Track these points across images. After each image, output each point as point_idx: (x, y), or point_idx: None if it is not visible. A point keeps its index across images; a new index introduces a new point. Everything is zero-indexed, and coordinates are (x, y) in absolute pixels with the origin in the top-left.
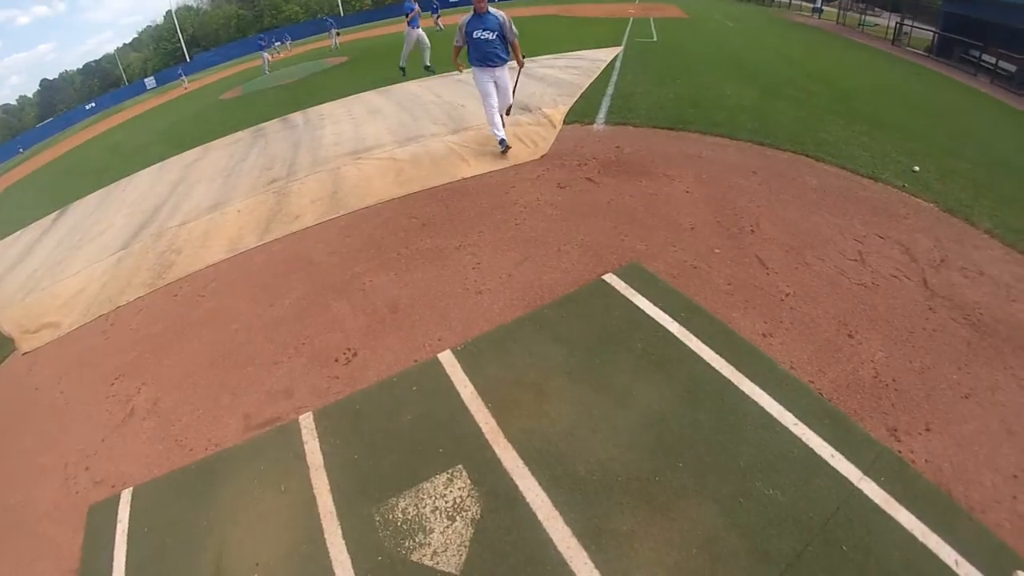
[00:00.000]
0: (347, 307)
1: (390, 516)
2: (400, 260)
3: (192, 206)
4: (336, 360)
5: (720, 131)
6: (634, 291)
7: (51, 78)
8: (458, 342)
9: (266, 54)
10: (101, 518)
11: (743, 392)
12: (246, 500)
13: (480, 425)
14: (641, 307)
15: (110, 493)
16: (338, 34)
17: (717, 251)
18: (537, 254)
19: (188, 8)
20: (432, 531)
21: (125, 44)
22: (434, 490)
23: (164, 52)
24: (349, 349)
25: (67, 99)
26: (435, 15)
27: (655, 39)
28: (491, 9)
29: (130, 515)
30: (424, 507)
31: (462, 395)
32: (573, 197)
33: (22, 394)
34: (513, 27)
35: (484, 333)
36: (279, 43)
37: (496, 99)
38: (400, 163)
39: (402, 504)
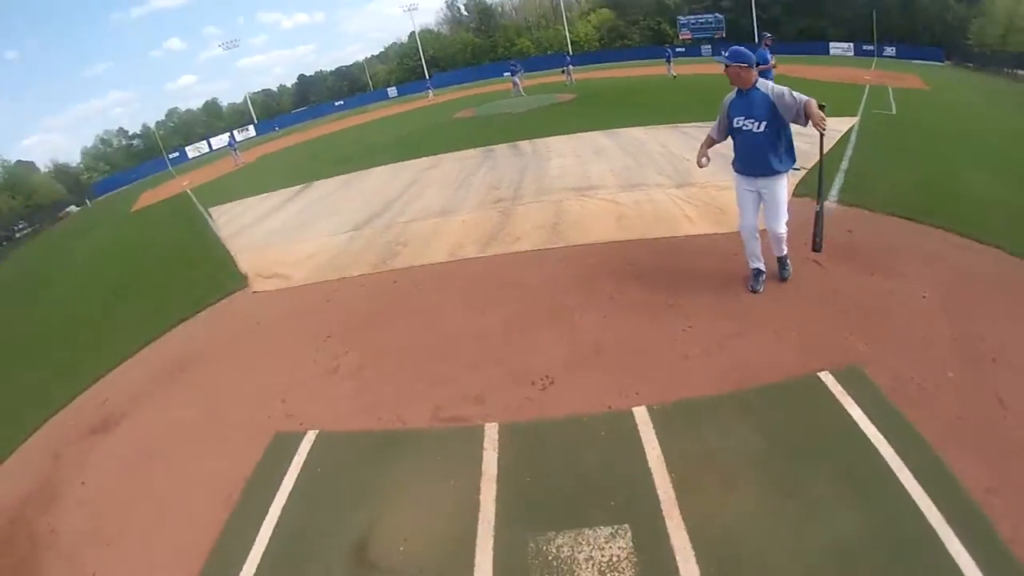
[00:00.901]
0: (553, 336)
1: (544, 548)
2: (611, 304)
3: (422, 207)
4: (532, 383)
5: (967, 231)
6: (850, 399)
7: (308, 75)
8: (655, 401)
9: (517, 79)
10: (283, 446)
11: (948, 551)
12: (415, 480)
13: (659, 492)
14: (855, 419)
15: (297, 429)
16: (564, 71)
17: (950, 375)
18: (752, 331)
19: (430, 31)
20: None
21: (373, 55)
22: (594, 540)
23: (406, 67)
24: (547, 376)
25: (319, 94)
26: (668, 61)
27: (894, 112)
28: (760, 83)
29: (308, 453)
30: (579, 553)
31: (648, 456)
32: (797, 278)
33: (245, 323)
34: (794, 96)
35: (683, 399)
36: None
37: (753, 217)
38: (622, 207)
39: (559, 541)
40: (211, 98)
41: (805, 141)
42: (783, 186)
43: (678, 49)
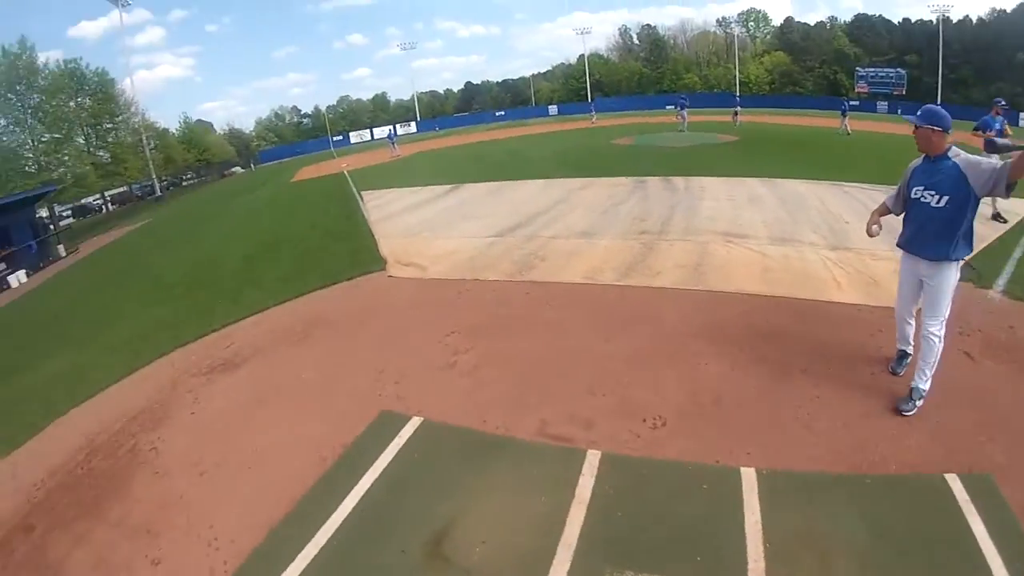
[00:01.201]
0: (674, 377)
1: None
2: (740, 357)
3: (566, 226)
4: (644, 420)
5: None
6: (974, 509)
7: (474, 83)
8: (766, 465)
9: (684, 113)
10: (386, 424)
11: None
12: (506, 488)
13: (748, 560)
14: (974, 532)
15: (403, 410)
16: (737, 113)
17: None
18: (884, 416)
19: (599, 56)
20: None
21: (538, 72)
22: None
23: (569, 88)
24: (660, 417)
25: (482, 102)
26: (843, 115)
27: None
28: (953, 151)
29: (410, 437)
30: None
31: (746, 520)
32: (943, 369)
33: (375, 302)
34: (991, 161)
35: (795, 471)
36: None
37: (910, 303)
38: (769, 260)
39: None
40: (381, 92)
41: (984, 225)
42: (950, 277)
43: (852, 103)
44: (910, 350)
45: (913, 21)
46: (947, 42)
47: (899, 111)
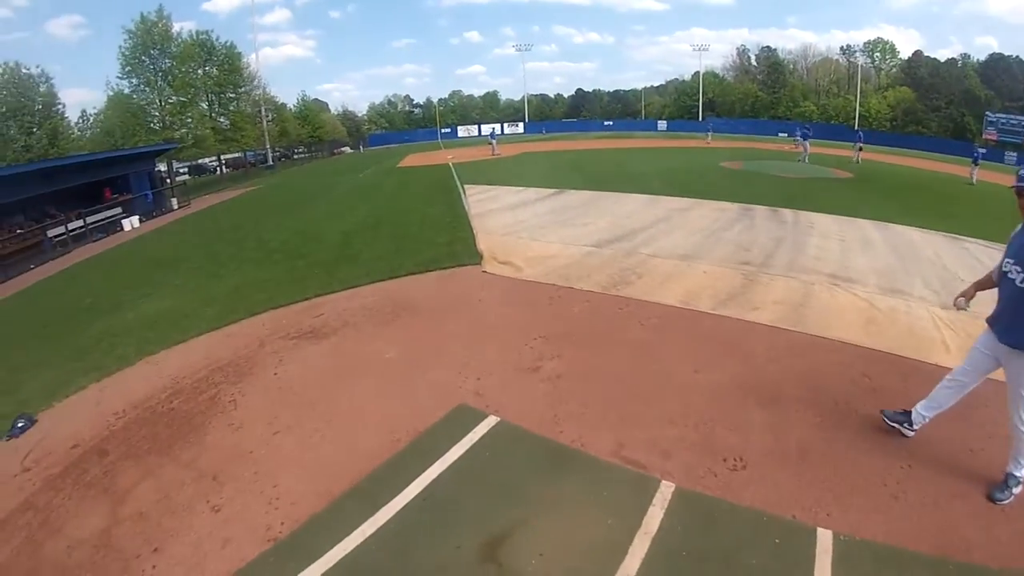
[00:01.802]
0: (763, 420)
1: None
2: (836, 410)
3: (666, 245)
4: (724, 460)
5: None
6: None
7: (585, 90)
8: (845, 530)
9: (807, 144)
10: (463, 418)
11: None
12: (573, 504)
13: None
14: None
15: (481, 407)
16: (861, 149)
17: None
18: (975, 498)
19: (714, 74)
20: None
21: (651, 86)
22: None
23: (681, 105)
24: (741, 459)
25: (591, 110)
26: (974, 164)
27: None
28: None
29: (484, 434)
30: None
31: None
32: None
33: (467, 295)
34: None
35: (874, 541)
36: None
37: (970, 380)
38: (875, 311)
39: None
40: (492, 90)
41: None
42: None
43: (981, 150)
44: (927, 416)
45: None
46: None
47: (1016, 161)
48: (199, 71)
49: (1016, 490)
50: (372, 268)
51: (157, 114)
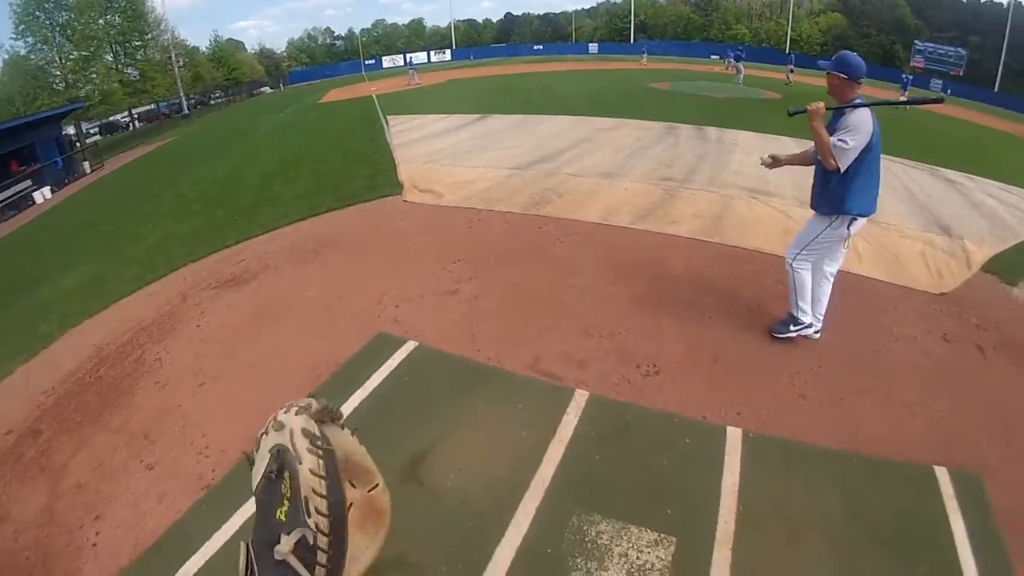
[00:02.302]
0: (675, 329)
1: (584, 527)
2: (749, 316)
3: (588, 165)
4: (637, 366)
5: None
6: (956, 507)
7: (515, 14)
8: (753, 428)
9: (741, 66)
10: (381, 346)
11: None
12: (489, 419)
13: (719, 519)
14: (954, 532)
15: (400, 334)
16: (792, 71)
17: None
18: (883, 398)
19: None
20: (607, 570)
21: (582, 8)
22: (636, 539)
23: (612, 28)
24: (654, 365)
25: (521, 35)
26: (904, 90)
27: None
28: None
29: (402, 360)
30: (616, 546)
31: (723, 479)
32: (951, 359)
33: (387, 227)
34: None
35: (784, 438)
36: (731, 58)
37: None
38: (792, 222)
39: (601, 527)
40: (417, 17)
41: (1017, 216)
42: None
43: (909, 77)
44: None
45: (982, 1)
46: (1016, 28)
47: (949, 91)
48: (100, 21)
49: (793, 331)
50: (292, 208)
51: (59, 73)
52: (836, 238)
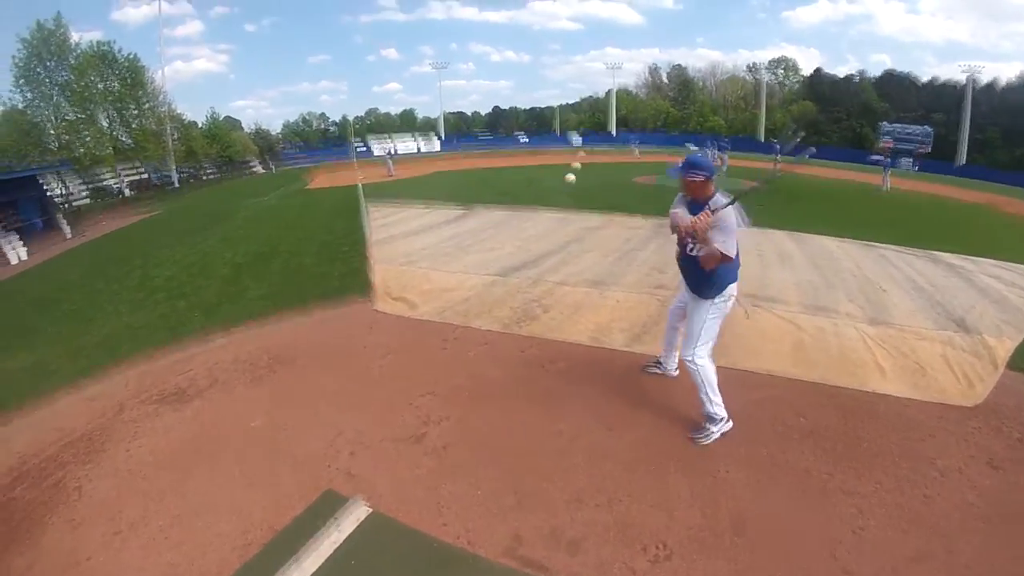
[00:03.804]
0: (686, 488)
1: None
2: (771, 465)
3: (576, 271)
4: (644, 548)
5: None
6: None
7: (502, 107)
8: None
9: (725, 156)
10: (327, 509)
11: None
12: None
13: None
14: None
15: (352, 491)
16: (777, 160)
17: None
18: (936, 560)
19: (627, 92)
20: None
21: (566, 103)
22: None
23: (595, 121)
24: (664, 545)
25: (508, 127)
26: (884, 171)
27: None
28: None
29: (351, 533)
30: None
31: None
32: (1002, 491)
33: (351, 342)
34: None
35: None
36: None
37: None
38: (803, 334)
39: None
40: (410, 107)
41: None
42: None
43: (878, 158)
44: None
45: (942, 80)
46: (975, 103)
47: (917, 167)
48: (99, 84)
49: (716, 431)
50: (255, 309)
51: (53, 131)
52: (723, 313)
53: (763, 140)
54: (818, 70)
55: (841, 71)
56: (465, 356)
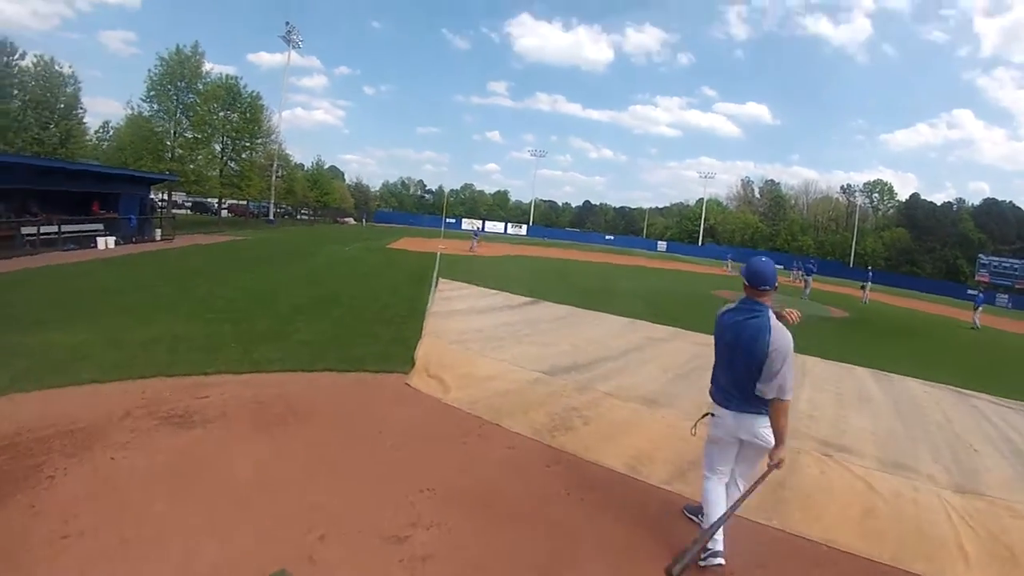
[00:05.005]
0: None
1: None
2: None
3: (629, 383)
4: None
5: None
6: None
7: (593, 203)
8: None
9: (810, 279)
10: None
11: None
12: None
13: None
14: None
15: None
16: (866, 287)
17: None
18: None
19: (717, 202)
20: None
21: (656, 207)
22: None
23: (682, 229)
24: None
25: (595, 223)
26: (976, 307)
27: None
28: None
29: None
30: None
31: None
32: None
33: (373, 412)
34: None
35: None
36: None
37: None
38: (875, 497)
39: None
40: (504, 189)
41: None
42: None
43: (973, 293)
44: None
45: None
46: None
47: (1010, 304)
48: (220, 113)
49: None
50: (294, 353)
51: (169, 144)
52: (712, 434)
53: (850, 265)
54: (914, 196)
55: (938, 198)
56: (484, 457)
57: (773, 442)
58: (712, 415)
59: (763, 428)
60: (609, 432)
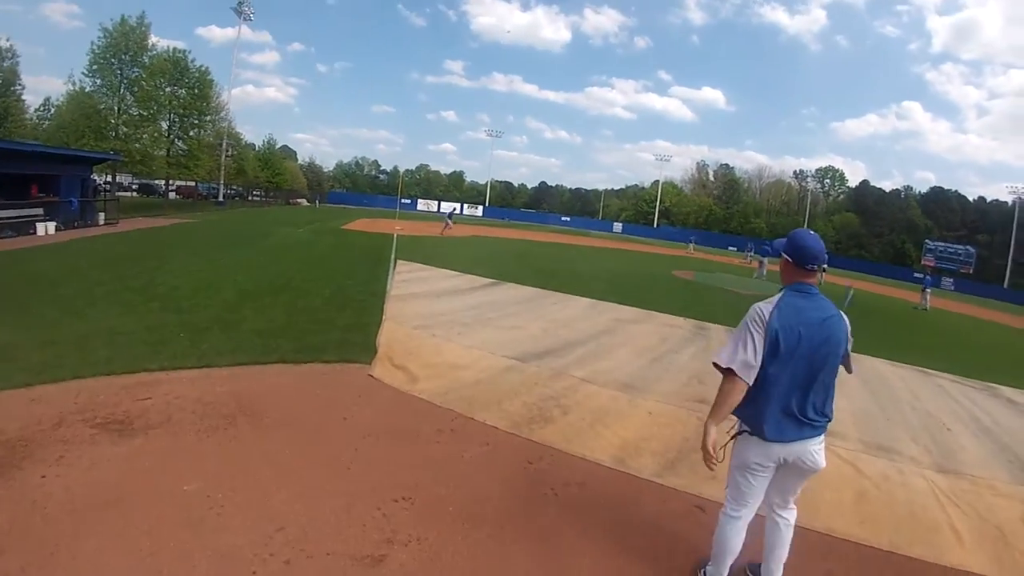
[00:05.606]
0: None
1: None
2: None
3: (605, 368)
4: None
5: None
6: None
7: (549, 184)
8: None
9: (766, 260)
10: None
11: None
12: None
13: None
14: None
15: None
16: (824, 270)
17: None
18: None
19: (672, 185)
20: None
21: (611, 189)
22: None
23: (638, 210)
24: None
25: (551, 204)
26: (924, 290)
27: None
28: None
29: None
30: None
31: None
32: None
33: (334, 409)
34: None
35: None
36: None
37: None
38: (865, 481)
39: None
40: (459, 170)
41: None
42: None
43: (918, 276)
44: None
45: (988, 200)
46: (1020, 226)
47: (953, 287)
48: (167, 88)
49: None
50: (244, 344)
51: (113, 121)
52: (739, 457)
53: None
54: (864, 182)
55: (886, 185)
56: (459, 457)
57: (823, 465)
58: (748, 432)
59: (818, 446)
60: (590, 421)
